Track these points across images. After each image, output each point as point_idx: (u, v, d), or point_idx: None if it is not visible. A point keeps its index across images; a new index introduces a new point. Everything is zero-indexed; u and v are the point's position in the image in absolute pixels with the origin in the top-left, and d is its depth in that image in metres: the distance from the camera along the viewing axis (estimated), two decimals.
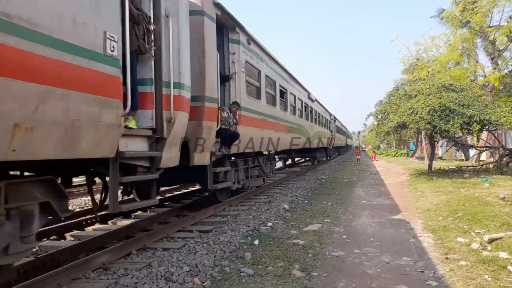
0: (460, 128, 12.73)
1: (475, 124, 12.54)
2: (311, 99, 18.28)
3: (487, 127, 13.95)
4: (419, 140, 35.63)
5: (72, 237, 5.74)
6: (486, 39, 19.66)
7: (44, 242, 5.35)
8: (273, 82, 10.92)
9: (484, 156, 21.02)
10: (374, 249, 5.18)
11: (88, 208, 7.75)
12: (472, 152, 22.29)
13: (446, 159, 28.17)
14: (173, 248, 4.94)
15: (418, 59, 21.55)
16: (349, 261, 4.66)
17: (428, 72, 19.31)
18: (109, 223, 6.69)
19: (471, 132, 13.25)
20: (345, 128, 46.36)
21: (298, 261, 4.53)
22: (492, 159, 18.19)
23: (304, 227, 6.34)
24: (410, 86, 16.75)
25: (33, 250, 5.03)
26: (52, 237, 5.65)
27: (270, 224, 6.59)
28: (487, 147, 18.35)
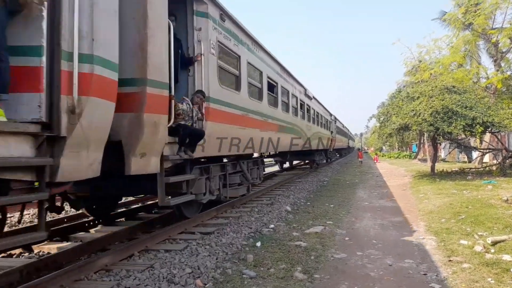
0: (463, 130, 12.71)
1: (478, 126, 12.51)
2: (308, 96, 16.42)
3: (490, 129, 13.92)
4: (422, 142, 35.59)
5: (74, 238, 5.76)
6: (489, 41, 19.66)
7: (47, 243, 5.37)
8: (258, 72, 9.21)
9: (487, 158, 20.96)
10: (377, 251, 5.16)
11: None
12: (475, 154, 22.24)
13: (448, 161, 28.12)
14: (175, 250, 4.94)
15: (420, 61, 21.53)
16: (351, 263, 4.65)
17: (431, 74, 19.29)
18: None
19: (474, 134, 13.23)
20: (346, 129, 45.20)
21: (300, 263, 4.52)
22: (495, 161, 18.14)
23: (306, 229, 6.33)
24: (412, 88, 16.72)
25: (35, 251, 5.07)
26: (54, 239, 5.67)
27: (272, 226, 6.58)
28: (490, 149, 18.28)
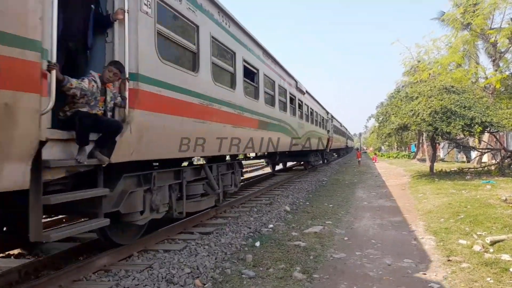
0: (461, 130, 12.73)
1: (477, 126, 12.52)
2: (300, 90, 14.24)
3: (488, 129, 13.94)
4: (421, 142, 35.59)
5: (73, 238, 5.74)
6: (488, 41, 19.70)
7: (46, 243, 5.35)
8: (230, 53, 7.30)
9: (485, 158, 20.97)
10: (376, 251, 5.16)
11: None
12: (474, 154, 22.26)
13: (447, 161, 28.16)
14: (174, 250, 4.94)
15: (419, 61, 21.56)
16: (350, 263, 4.65)
17: (430, 74, 19.33)
18: None
19: (472, 134, 13.24)
20: (344, 129, 44.26)
21: (299, 263, 4.52)
22: (494, 161, 18.15)
23: (306, 229, 6.33)
24: (411, 88, 16.74)
25: (34, 251, 5.06)
26: None
27: (271, 226, 6.58)
28: (488, 149, 18.30)
